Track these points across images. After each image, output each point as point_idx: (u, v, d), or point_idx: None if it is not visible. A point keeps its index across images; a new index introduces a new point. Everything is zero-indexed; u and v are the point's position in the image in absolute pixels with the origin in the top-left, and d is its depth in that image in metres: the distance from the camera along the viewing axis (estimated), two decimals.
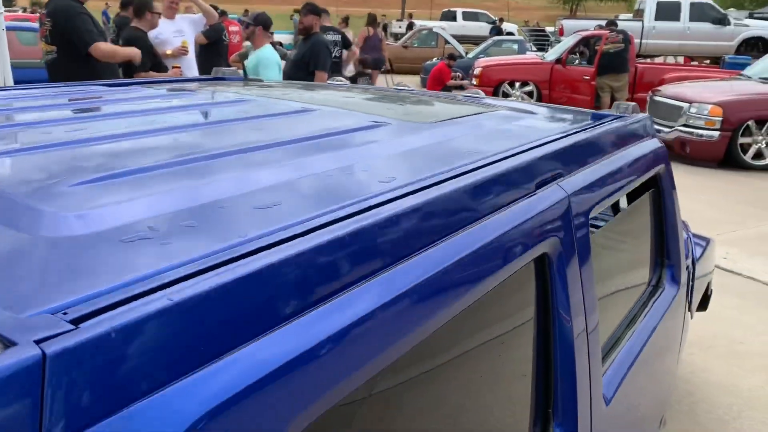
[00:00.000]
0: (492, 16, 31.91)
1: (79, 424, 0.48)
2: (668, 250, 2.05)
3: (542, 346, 1.19)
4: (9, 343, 0.48)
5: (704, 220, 5.88)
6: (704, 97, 8.36)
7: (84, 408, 0.49)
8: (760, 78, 9.00)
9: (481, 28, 28.44)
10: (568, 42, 12.86)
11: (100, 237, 0.70)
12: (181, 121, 1.40)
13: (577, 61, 12.29)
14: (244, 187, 0.90)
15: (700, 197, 6.76)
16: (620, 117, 1.83)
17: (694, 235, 2.85)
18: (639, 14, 18.43)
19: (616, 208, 2.15)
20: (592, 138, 1.53)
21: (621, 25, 13.16)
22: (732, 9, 35.94)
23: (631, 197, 1.90)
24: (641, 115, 1.93)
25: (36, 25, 9.00)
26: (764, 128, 8.11)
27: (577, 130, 1.57)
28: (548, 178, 1.26)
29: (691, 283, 2.38)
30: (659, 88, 9.50)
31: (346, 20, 11.70)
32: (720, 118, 8.00)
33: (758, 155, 8.20)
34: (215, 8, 8.96)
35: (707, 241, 2.99)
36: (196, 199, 0.83)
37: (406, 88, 2.42)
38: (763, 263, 4.95)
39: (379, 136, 1.33)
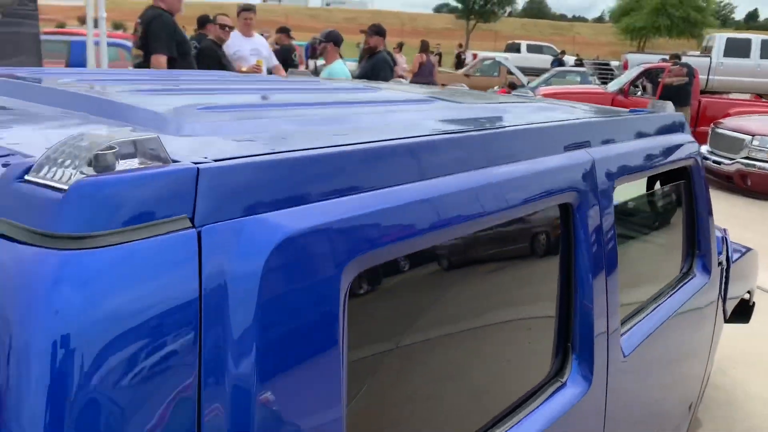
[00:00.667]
0: (556, 50, 31.92)
1: (214, 219, 0.72)
2: (699, 241, 2.20)
3: (565, 281, 1.38)
4: (174, 161, 0.73)
5: (760, 246, 5.85)
6: (767, 130, 8.28)
7: (218, 208, 0.73)
8: None
9: (545, 60, 28.54)
10: (631, 73, 12.88)
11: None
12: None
13: (639, 93, 12.28)
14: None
15: (758, 228, 6.71)
16: (653, 111, 2.01)
17: (734, 243, 2.95)
18: (707, 51, 18.26)
19: (651, 194, 2.30)
20: (621, 120, 1.73)
21: (688, 60, 13.13)
22: None
23: (663, 185, 2.07)
24: (674, 113, 2.10)
25: (120, 40, 9.71)
26: None
27: (611, 114, 1.76)
28: (578, 144, 1.46)
29: (725, 279, 2.50)
30: (722, 120, 9.44)
31: (400, 46, 12.22)
32: None
33: None
34: (286, 30, 9.48)
35: (748, 249, 3.08)
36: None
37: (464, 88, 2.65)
38: None
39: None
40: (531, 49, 32.67)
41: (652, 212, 2.14)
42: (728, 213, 7.16)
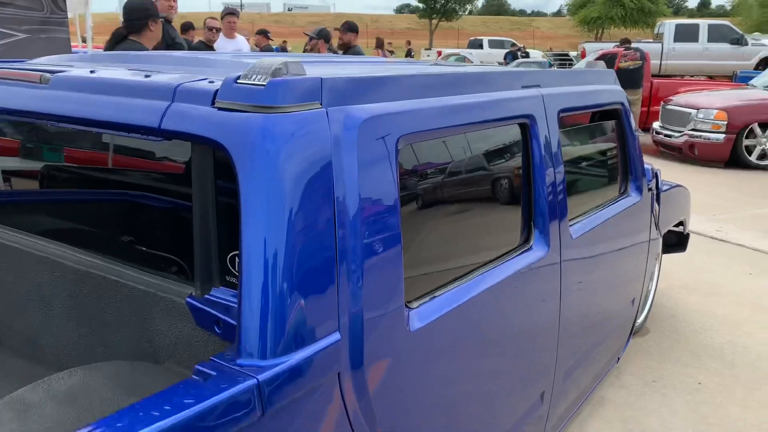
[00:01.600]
0: (518, 44, 32.84)
1: (332, 105, 1.34)
2: (631, 169, 2.86)
3: (526, 177, 2.02)
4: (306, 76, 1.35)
5: (705, 204, 6.63)
6: (710, 103, 9.11)
7: (333, 100, 1.34)
8: (764, 87, 9.72)
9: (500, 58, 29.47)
10: (586, 62, 13.68)
11: None
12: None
13: None
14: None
15: (704, 189, 7.48)
16: (589, 68, 2.67)
17: (666, 180, 3.63)
18: (659, 37, 19.26)
19: (590, 128, 2.94)
20: (563, 72, 2.38)
21: (642, 46, 13.98)
22: (757, 33, 36.24)
23: (600, 121, 2.73)
24: (605, 70, 2.76)
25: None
26: None
27: (557, 71, 2.41)
28: (532, 85, 2.10)
29: (655, 202, 3.17)
30: (671, 98, 10.25)
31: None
32: (725, 122, 8.73)
33: (763, 156, 8.88)
34: (264, 32, 10.05)
35: (678, 185, 3.77)
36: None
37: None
38: (749, 235, 5.66)
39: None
40: (493, 44, 33.56)
41: (593, 143, 2.80)
42: (679, 179, 7.92)
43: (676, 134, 9.27)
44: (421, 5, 57.28)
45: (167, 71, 1.58)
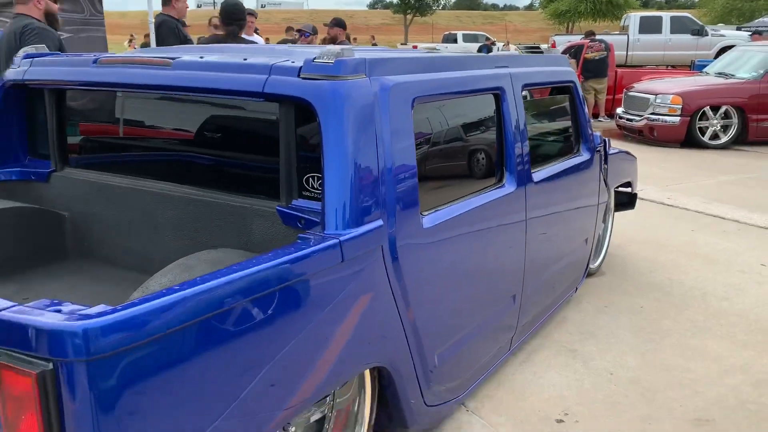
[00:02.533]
0: (491, 38, 33.75)
1: (372, 75, 2.07)
2: (581, 134, 3.63)
3: (500, 131, 2.77)
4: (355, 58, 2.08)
5: (660, 178, 7.48)
6: (667, 89, 9.98)
7: (372, 71, 2.07)
8: (715, 74, 10.62)
9: (472, 51, 30.39)
10: (557, 52, 14.53)
11: None
12: None
13: None
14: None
15: (660, 165, 8.35)
16: (547, 53, 3.43)
17: (615, 147, 4.41)
18: (625, 29, 20.24)
19: (549, 101, 3.70)
20: (526, 56, 3.15)
21: (609, 38, 14.85)
22: (721, 24, 37.55)
23: (557, 95, 3.49)
24: (559, 55, 3.52)
25: None
26: (718, 113, 9.71)
27: (522, 56, 3.17)
28: (502, 65, 2.85)
29: (604, 162, 3.94)
30: (633, 85, 11.12)
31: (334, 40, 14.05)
32: (680, 106, 9.60)
33: (715, 136, 9.78)
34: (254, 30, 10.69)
35: (625, 151, 4.56)
36: None
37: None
38: (694, 201, 6.51)
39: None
40: (467, 38, 34.53)
41: (552, 112, 3.56)
42: (644, 160, 8.70)
43: (637, 118, 10.14)
44: (395, 0, 58.05)
45: (253, 56, 2.30)
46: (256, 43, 7.87)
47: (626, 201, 4.86)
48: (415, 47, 27.91)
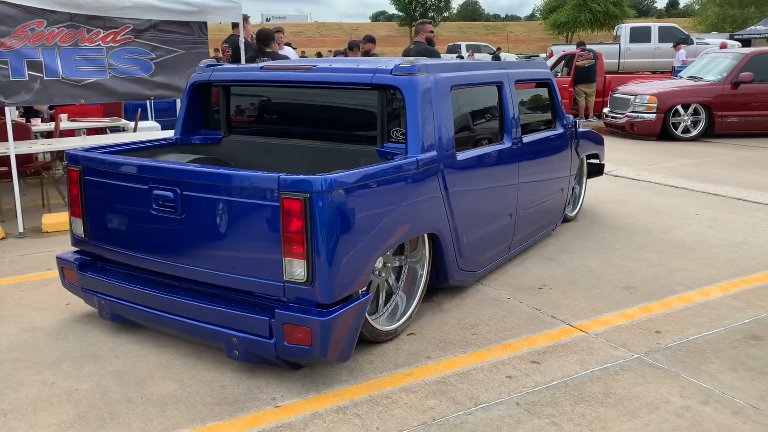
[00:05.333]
0: (493, 48, 35.53)
1: (425, 73, 3.78)
2: (557, 114, 5.33)
3: (499, 110, 4.46)
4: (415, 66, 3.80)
5: (634, 161, 9.17)
6: (645, 90, 11.69)
7: (425, 71, 3.77)
8: (688, 77, 12.33)
9: (485, 58, 32.15)
10: (552, 61, 16.25)
11: None
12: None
13: (559, 74, 15.64)
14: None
15: (637, 154, 10.04)
16: (530, 59, 5.13)
17: (585, 128, 6.09)
18: (617, 39, 21.98)
19: (535, 93, 5.39)
20: (519, 62, 4.87)
21: (601, 48, 16.54)
22: (714, 32, 39.25)
23: (540, 88, 5.20)
24: (540, 62, 5.22)
25: None
26: (689, 111, 11.40)
27: (517, 62, 4.89)
28: (502, 68, 4.55)
29: (575, 136, 5.62)
30: (617, 87, 12.82)
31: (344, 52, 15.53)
32: (656, 105, 11.30)
33: (686, 131, 11.46)
34: (289, 44, 12.44)
35: (593, 131, 6.25)
36: None
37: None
38: (657, 176, 8.19)
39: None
40: (470, 48, 36.32)
41: (535, 99, 5.25)
42: (623, 150, 10.46)
43: (620, 116, 11.83)
44: (398, 13, 60.08)
45: (359, 64, 4.00)
46: (287, 57, 9.62)
47: (596, 170, 6.55)
48: None
